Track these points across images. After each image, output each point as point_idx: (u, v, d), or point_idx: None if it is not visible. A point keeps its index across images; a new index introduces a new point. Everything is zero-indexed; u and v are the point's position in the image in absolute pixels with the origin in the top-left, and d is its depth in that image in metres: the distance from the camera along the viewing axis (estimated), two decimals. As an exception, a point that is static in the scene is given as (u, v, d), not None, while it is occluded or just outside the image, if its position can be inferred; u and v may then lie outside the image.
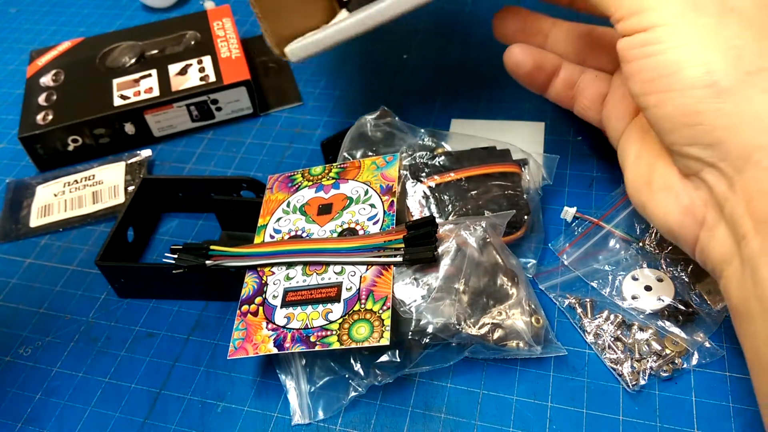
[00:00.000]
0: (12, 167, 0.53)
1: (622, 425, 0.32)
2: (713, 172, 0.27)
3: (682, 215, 0.29)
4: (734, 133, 0.25)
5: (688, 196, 0.28)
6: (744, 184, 0.25)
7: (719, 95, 0.26)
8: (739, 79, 0.25)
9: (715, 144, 0.26)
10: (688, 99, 0.26)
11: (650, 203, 0.31)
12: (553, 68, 0.37)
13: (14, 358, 0.39)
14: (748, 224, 0.25)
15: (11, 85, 0.62)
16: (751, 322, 0.26)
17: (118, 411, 0.36)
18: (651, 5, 0.27)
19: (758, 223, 0.25)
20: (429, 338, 0.33)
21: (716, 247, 0.28)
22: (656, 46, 0.27)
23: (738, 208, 0.26)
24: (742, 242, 0.26)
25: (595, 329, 0.35)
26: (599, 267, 0.38)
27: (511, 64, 0.37)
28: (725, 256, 0.27)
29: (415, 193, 0.39)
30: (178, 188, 0.45)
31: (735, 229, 0.26)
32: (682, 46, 0.26)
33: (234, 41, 0.57)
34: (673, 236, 0.30)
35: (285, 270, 0.36)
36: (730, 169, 0.26)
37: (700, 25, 0.26)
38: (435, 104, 0.52)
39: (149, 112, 0.52)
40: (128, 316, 0.41)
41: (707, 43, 0.26)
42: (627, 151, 0.33)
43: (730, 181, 0.26)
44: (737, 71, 0.26)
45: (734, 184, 0.26)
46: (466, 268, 0.34)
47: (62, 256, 0.45)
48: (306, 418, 0.34)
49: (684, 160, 0.28)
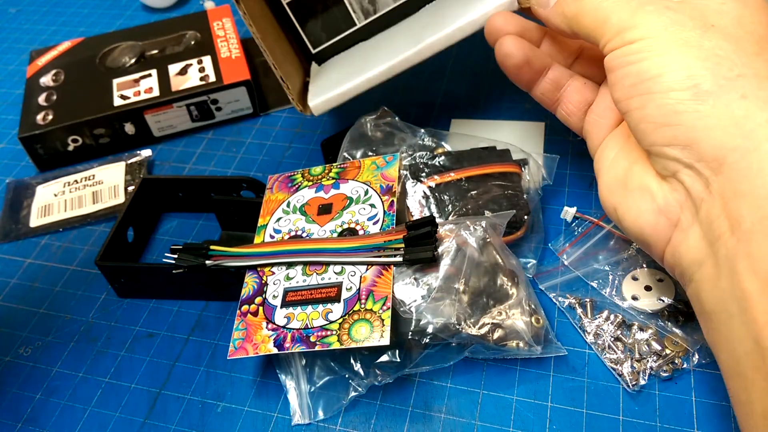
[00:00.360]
0: (12, 167, 0.53)
1: (622, 425, 0.32)
2: (690, 173, 0.27)
3: (655, 216, 0.29)
4: (711, 134, 0.26)
5: (663, 197, 0.29)
6: (720, 185, 0.26)
7: (699, 98, 0.26)
8: (718, 84, 0.26)
9: (693, 144, 0.26)
10: (668, 100, 0.27)
11: (624, 204, 0.31)
12: (541, 67, 0.37)
13: (14, 358, 0.39)
14: (724, 225, 0.26)
15: (11, 85, 0.62)
16: (726, 323, 0.26)
17: (118, 411, 0.36)
18: (635, 23, 0.29)
19: (734, 223, 0.25)
20: (429, 338, 0.33)
21: (689, 249, 0.28)
22: (639, 55, 0.28)
23: (714, 209, 0.26)
24: (717, 243, 0.26)
25: (595, 329, 0.35)
26: (599, 267, 0.38)
27: (501, 54, 0.37)
28: (697, 259, 0.27)
29: (415, 193, 0.39)
30: (178, 188, 0.45)
31: (710, 230, 0.26)
32: (665, 54, 0.27)
33: (234, 41, 0.57)
34: (644, 238, 0.30)
35: (285, 270, 0.36)
36: (706, 170, 0.26)
37: (682, 37, 0.28)
38: (435, 104, 0.52)
39: (149, 112, 0.52)
40: (128, 316, 0.41)
41: (688, 52, 0.27)
42: (604, 156, 0.34)
43: (706, 182, 0.27)
44: (717, 77, 0.26)
45: (710, 185, 0.26)
46: (466, 268, 0.34)
47: (62, 256, 0.45)
48: (306, 418, 0.34)
49: (662, 161, 0.28)
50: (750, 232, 0.25)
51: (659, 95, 0.27)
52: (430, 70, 0.55)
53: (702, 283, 0.27)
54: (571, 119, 0.38)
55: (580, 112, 0.37)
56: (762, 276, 0.24)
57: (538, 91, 0.38)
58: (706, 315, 0.27)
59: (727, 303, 0.26)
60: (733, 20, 0.28)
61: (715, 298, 0.26)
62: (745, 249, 0.25)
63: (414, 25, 0.44)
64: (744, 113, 0.26)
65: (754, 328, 0.24)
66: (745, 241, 0.25)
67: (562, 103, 0.38)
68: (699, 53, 0.27)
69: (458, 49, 0.57)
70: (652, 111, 0.28)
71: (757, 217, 0.24)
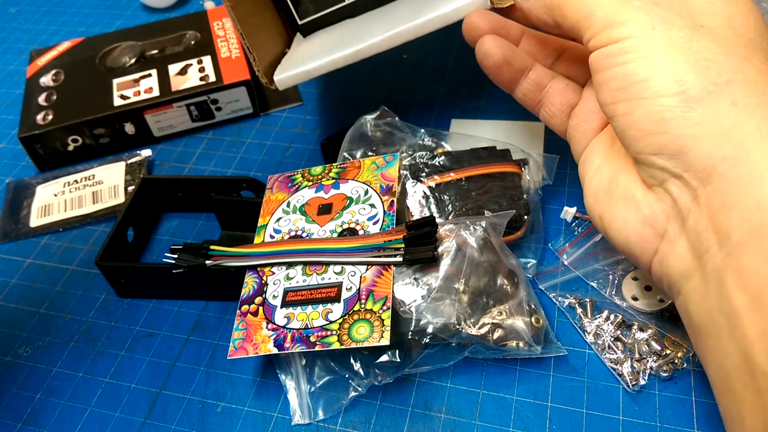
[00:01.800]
0: (12, 167, 0.53)
1: (622, 425, 0.32)
2: (677, 183, 0.27)
3: (641, 226, 0.28)
4: (700, 143, 0.25)
5: (649, 207, 0.28)
6: (708, 196, 0.25)
7: (687, 104, 0.25)
8: (707, 90, 0.25)
9: (681, 154, 0.26)
10: (656, 107, 0.26)
11: (608, 213, 0.30)
12: (522, 66, 0.36)
13: (14, 358, 0.39)
14: (711, 238, 0.25)
15: (11, 85, 0.62)
16: (715, 337, 0.25)
17: (118, 411, 0.36)
18: (621, 20, 0.28)
19: (722, 236, 0.25)
20: (429, 338, 0.33)
21: (676, 261, 0.27)
22: (626, 56, 0.27)
23: (701, 221, 0.25)
24: (705, 256, 0.25)
25: (595, 329, 0.35)
26: (599, 267, 0.38)
27: (480, 53, 0.36)
28: (685, 271, 0.27)
29: (415, 193, 0.39)
30: (178, 188, 0.45)
31: (698, 243, 0.26)
32: (652, 56, 0.26)
33: (234, 41, 0.57)
34: (629, 248, 0.30)
35: (285, 270, 0.36)
36: (694, 180, 0.26)
37: (670, 37, 0.27)
38: (435, 104, 0.52)
39: (149, 112, 0.52)
40: (128, 316, 0.41)
41: (677, 54, 0.26)
42: (589, 162, 0.33)
43: (694, 192, 0.26)
44: (706, 82, 0.25)
45: (698, 196, 0.26)
46: (466, 268, 0.34)
47: (62, 256, 0.45)
48: (306, 418, 0.34)
49: (649, 170, 0.28)
50: (738, 245, 0.24)
51: (647, 101, 0.26)
52: (430, 70, 0.55)
53: (690, 295, 0.27)
54: (554, 121, 0.37)
55: (563, 114, 0.36)
56: (751, 290, 0.23)
57: (519, 92, 0.37)
58: (695, 328, 0.27)
59: (716, 317, 0.25)
60: (723, 21, 0.27)
61: (703, 312, 0.26)
62: (734, 263, 0.24)
63: (397, 10, 0.43)
64: (733, 121, 0.25)
65: (743, 343, 0.24)
66: (733, 255, 0.24)
67: (544, 105, 0.37)
68: (687, 56, 0.26)
69: (458, 49, 0.57)
70: (639, 117, 0.27)
71: (745, 229, 0.24)
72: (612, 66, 0.28)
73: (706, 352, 0.26)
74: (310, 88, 0.56)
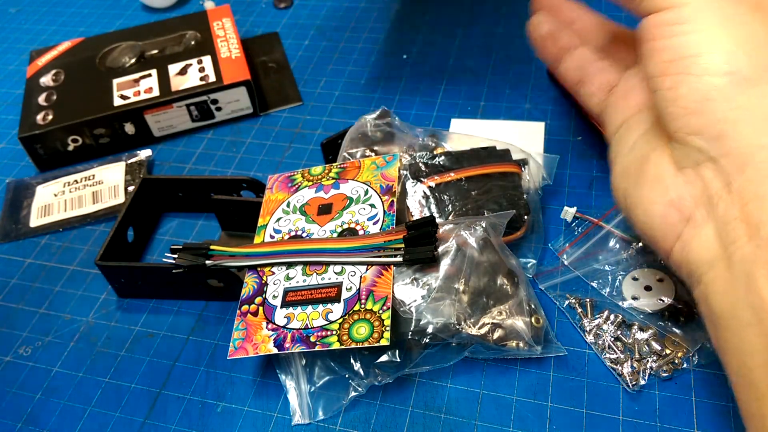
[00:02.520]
0: (12, 167, 0.53)
1: (622, 425, 0.32)
2: (711, 167, 0.26)
3: (667, 208, 0.28)
4: (741, 128, 0.25)
5: (677, 190, 0.27)
6: (741, 184, 0.25)
7: (735, 86, 0.25)
8: (758, 74, 0.25)
9: (721, 137, 0.25)
10: (703, 85, 0.25)
11: (635, 192, 0.29)
12: (567, 45, 0.37)
13: (14, 358, 0.39)
14: (741, 228, 0.24)
15: (11, 85, 0.62)
16: (738, 331, 0.25)
17: (118, 411, 0.36)
18: None
19: (752, 228, 0.24)
20: (429, 338, 0.33)
21: (700, 247, 0.26)
22: (679, 27, 0.26)
23: (732, 210, 0.25)
24: (731, 246, 0.25)
25: (595, 329, 0.35)
26: (599, 267, 0.38)
27: (530, 24, 0.37)
28: (709, 260, 0.26)
29: (415, 193, 0.39)
30: (178, 188, 0.45)
31: (726, 232, 0.25)
32: (706, 30, 0.25)
33: (234, 41, 0.57)
34: (651, 230, 0.29)
35: (285, 270, 0.36)
36: (730, 166, 0.25)
37: (727, 13, 0.26)
38: (435, 104, 0.52)
39: (149, 112, 0.52)
40: (128, 316, 0.41)
41: (731, 32, 0.25)
42: (624, 140, 0.32)
43: (727, 179, 0.25)
44: (757, 65, 0.25)
45: (731, 183, 0.25)
46: (466, 268, 0.34)
47: (62, 256, 0.45)
48: (306, 418, 0.34)
49: (685, 150, 0.27)
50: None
51: (694, 78, 0.25)
52: (430, 70, 0.55)
53: (712, 285, 0.26)
54: (592, 100, 0.36)
55: (602, 93, 0.35)
56: None
57: (562, 68, 0.37)
58: (715, 319, 0.26)
59: (741, 310, 0.24)
60: None
61: (726, 304, 0.25)
62: (765, 256, 0.23)
63: None
64: None
65: None
66: (764, 248, 0.23)
67: (584, 83, 0.36)
68: (740, 35, 0.25)
69: (458, 49, 0.57)
70: (684, 94, 0.26)
71: None
72: (663, 36, 0.27)
73: (727, 345, 0.26)
74: (310, 88, 0.56)
